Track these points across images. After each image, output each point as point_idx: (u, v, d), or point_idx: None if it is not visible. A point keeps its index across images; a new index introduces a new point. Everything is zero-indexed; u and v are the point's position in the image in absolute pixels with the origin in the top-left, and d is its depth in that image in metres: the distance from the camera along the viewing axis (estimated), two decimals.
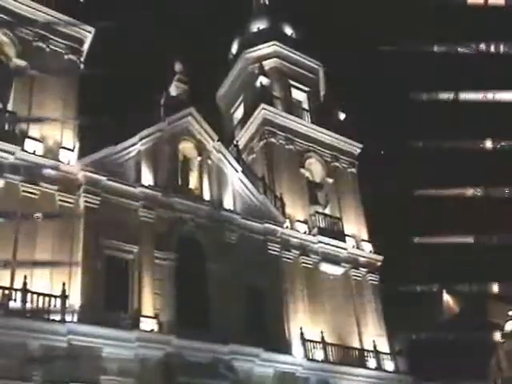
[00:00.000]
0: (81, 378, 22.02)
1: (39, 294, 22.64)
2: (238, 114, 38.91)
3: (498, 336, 35.24)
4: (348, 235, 33.17)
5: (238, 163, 30.74)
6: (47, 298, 22.70)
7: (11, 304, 21.97)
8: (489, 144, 19.98)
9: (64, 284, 23.20)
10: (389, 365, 30.37)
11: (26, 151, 25.09)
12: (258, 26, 40.30)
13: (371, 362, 29.91)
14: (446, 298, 43.30)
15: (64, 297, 22.92)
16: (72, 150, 26.43)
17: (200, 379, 24.15)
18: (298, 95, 38.26)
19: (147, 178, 27.54)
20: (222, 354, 25.25)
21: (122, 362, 23.24)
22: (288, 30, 40.45)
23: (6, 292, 22.16)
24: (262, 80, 35.77)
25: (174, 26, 59.02)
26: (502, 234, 22.90)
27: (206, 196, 28.98)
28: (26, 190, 24.53)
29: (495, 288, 25.29)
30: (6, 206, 23.90)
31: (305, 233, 31.60)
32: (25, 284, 22.38)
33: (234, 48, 41.15)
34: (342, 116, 37.87)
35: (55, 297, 22.87)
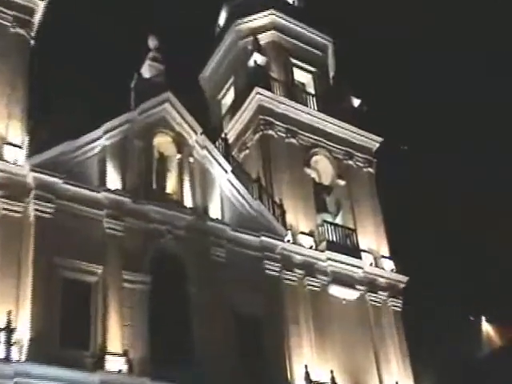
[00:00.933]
0: None
1: None
2: (227, 100, 38.97)
3: None
4: (364, 250, 33.13)
5: (228, 161, 30.66)
6: None
7: None
8: None
9: (9, 313, 23.03)
10: None
11: None
12: None
13: None
14: (486, 327, 43.29)
15: (9, 330, 22.72)
16: (20, 147, 26.31)
17: None
18: (302, 77, 38.37)
19: (114, 180, 27.45)
20: None
21: None
22: None
23: None
24: (257, 58, 35.73)
25: None
26: None
27: (188, 202, 28.88)
28: None
29: None
30: None
31: (311, 248, 31.52)
32: None
33: (222, 18, 41.22)
34: (357, 102, 37.90)
35: None
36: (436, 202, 48.93)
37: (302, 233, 31.92)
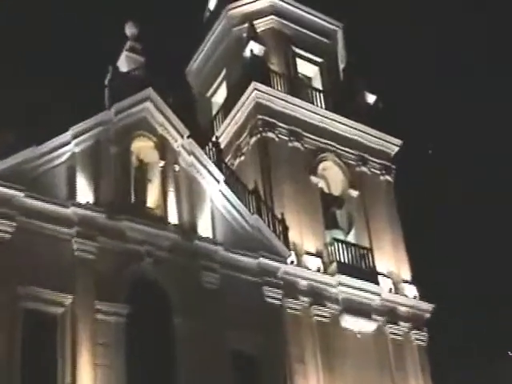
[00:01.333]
0: None
1: None
2: (219, 97, 39.20)
3: None
4: (382, 274, 33.14)
5: (220, 170, 30.66)
6: None
7: None
8: None
9: None
10: None
11: None
12: None
13: None
14: None
15: None
16: None
17: None
18: (307, 69, 38.65)
19: (85, 193, 27.37)
20: None
21: None
22: None
23: None
24: (254, 47, 35.83)
25: None
26: None
27: (172, 218, 28.81)
28: None
29: None
30: None
31: (318, 271, 31.46)
32: None
33: (213, 1, 41.23)
34: (372, 99, 38.05)
35: None
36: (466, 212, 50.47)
37: (308, 253, 31.89)
